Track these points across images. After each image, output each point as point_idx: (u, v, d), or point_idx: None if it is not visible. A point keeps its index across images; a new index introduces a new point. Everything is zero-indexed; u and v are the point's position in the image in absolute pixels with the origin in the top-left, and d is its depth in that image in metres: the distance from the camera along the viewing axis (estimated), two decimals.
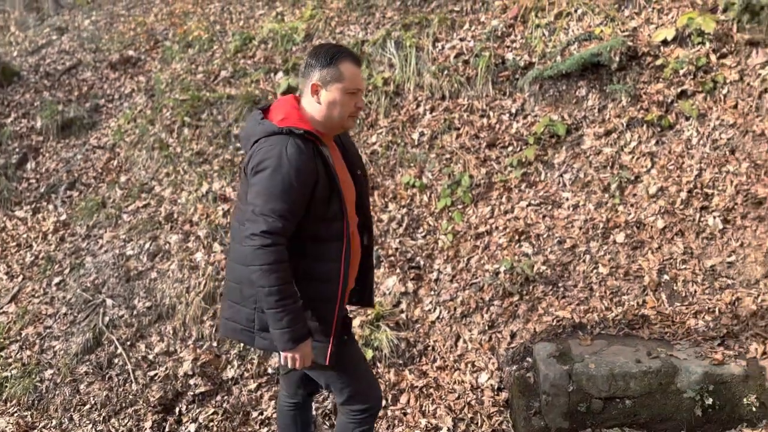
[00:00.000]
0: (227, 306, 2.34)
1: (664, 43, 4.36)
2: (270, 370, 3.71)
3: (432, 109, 4.83)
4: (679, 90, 4.17)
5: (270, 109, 2.26)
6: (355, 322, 3.66)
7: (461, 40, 5.09)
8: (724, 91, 4.10)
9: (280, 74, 5.62)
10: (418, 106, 4.90)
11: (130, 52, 7.11)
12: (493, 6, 5.28)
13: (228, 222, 4.54)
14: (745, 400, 2.86)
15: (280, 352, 2.18)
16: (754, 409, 2.86)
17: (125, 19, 8.22)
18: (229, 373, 3.74)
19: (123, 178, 5.39)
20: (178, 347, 3.95)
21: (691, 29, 4.28)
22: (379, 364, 3.54)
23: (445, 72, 4.89)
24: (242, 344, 3.82)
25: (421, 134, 4.70)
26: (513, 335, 3.47)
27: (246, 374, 3.72)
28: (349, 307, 2.57)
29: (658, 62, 4.29)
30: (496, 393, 3.31)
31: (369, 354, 3.52)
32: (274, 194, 2.04)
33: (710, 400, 2.85)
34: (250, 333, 2.28)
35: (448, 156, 4.50)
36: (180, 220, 4.73)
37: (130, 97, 6.45)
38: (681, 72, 4.21)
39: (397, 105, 4.97)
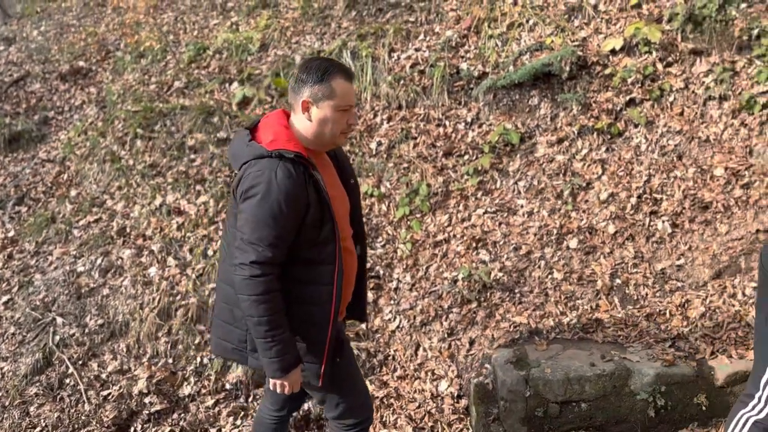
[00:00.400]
0: (218, 325, 2.29)
1: (613, 52, 4.48)
2: (228, 386, 3.65)
3: (389, 119, 4.85)
4: (627, 98, 4.28)
5: (258, 128, 2.16)
6: None
7: (416, 50, 5.13)
8: (671, 99, 4.24)
9: (235, 84, 5.57)
10: (375, 115, 4.91)
11: (81, 63, 6.94)
12: (447, 17, 5.34)
13: (183, 235, 4.46)
14: (695, 399, 2.93)
15: (269, 379, 2.17)
16: (704, 408, 2.93)
17: (76, 29, 8.01)
18: (186, 390, 3.66)
19: (73, 192, 5.24)
20: (132, 365, 3.85)
21: (638, 39, 4.41)
22: None
23: (402, 82, 4.92)
24: (199, 360, 3.75)
25: (379, 144, 4.71)
26: (472, 342, 3.49)
27: (203, 391, 3.65)
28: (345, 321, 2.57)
29: (607, 71, 4.40)
30: (455, 401, 3.33)
31: None
32: (263, 222, 1.98)
33: (662, 401, 2.91)
34: (242, 353, 2.25)
35: (405, 165, 4.52)
36: (133, 234, 4.62)
37: (80, 109, 6.29)
38: (629, 80, 4.32)
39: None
